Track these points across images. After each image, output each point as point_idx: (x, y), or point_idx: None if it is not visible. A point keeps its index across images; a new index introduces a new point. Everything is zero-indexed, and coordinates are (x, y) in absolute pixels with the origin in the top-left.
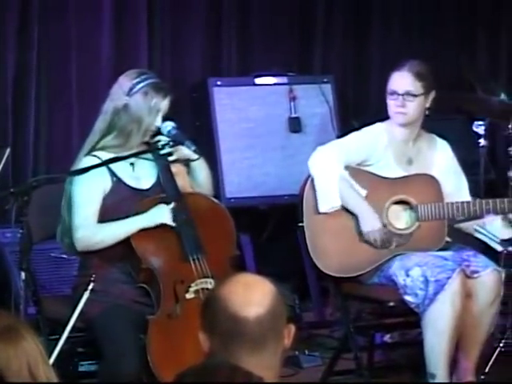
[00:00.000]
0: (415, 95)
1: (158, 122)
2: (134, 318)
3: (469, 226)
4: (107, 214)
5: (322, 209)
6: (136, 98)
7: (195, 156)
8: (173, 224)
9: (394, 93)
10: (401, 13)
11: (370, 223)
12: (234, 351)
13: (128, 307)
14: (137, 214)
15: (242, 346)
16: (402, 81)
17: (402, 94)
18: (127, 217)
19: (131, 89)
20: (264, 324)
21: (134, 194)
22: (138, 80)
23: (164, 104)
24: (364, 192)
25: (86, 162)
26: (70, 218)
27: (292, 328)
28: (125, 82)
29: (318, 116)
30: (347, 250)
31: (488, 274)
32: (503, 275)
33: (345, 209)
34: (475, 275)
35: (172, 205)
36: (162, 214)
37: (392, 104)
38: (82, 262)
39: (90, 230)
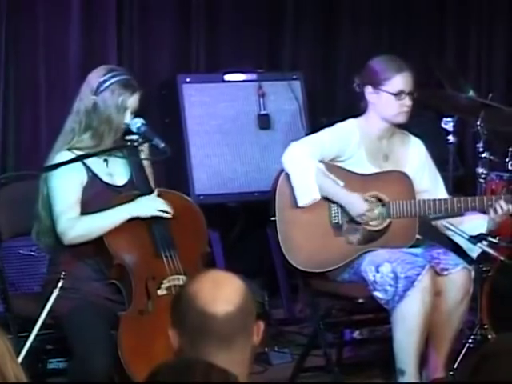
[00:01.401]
0: (414, 93)
1: (127, 119)
2: (105, 314)
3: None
4: (82, 209)
5: (301, 203)
6: (103, 97)
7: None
8: (165, 215)
9: (402, 93)
10: (369, 11)
11: (358, 206)
12: (203, 347)
13: (99, 304)
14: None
15: (211, 342)
16: (408, 80)
17: (408, 94)
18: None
19: (98, 87)
20: (233, 321)
21: (109, 189)
22: (104, 78)
23: (132, 101)
24: (341, 183)
25: (60, 156)
26: (48, 216)
27: (261, 325)
28: (93, 80)
29: (287, 113)
30: (319, 244)
31: (458, 272)
32: (473, 273)
33: (320, 202)
34: (445, 273)
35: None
36: (152, 206)
37: (399, 104)
38: (51, 259)
39: (73, 221)
